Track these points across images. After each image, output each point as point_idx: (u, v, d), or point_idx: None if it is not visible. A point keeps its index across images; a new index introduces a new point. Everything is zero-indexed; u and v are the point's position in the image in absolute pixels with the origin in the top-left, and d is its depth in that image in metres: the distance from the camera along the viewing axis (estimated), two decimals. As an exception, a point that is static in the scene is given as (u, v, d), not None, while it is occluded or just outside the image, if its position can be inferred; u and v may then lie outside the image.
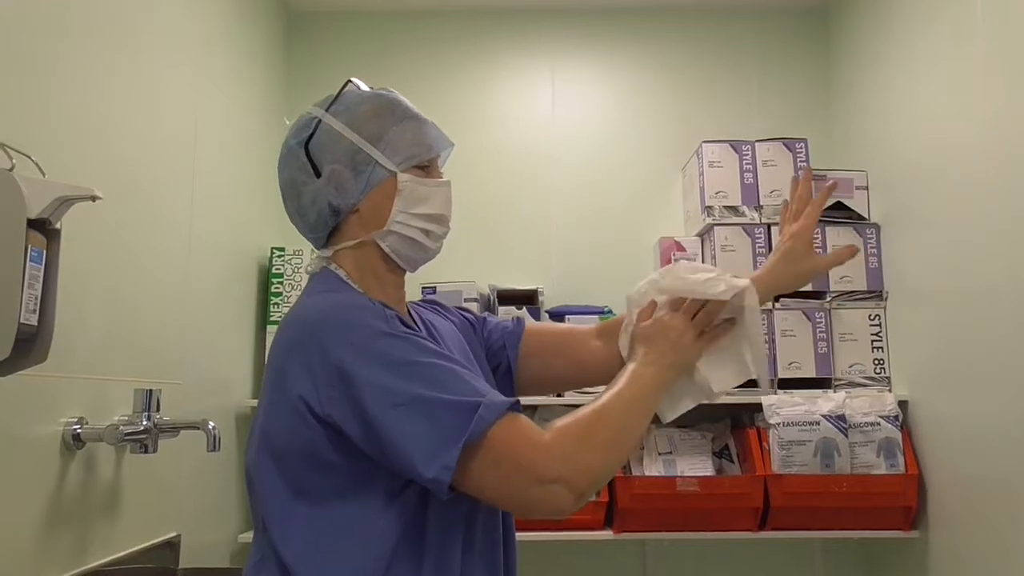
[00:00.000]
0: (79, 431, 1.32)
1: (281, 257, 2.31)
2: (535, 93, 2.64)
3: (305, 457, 0.94)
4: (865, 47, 2.38)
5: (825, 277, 2.23)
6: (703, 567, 2.39)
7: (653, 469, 2.14)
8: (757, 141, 2.35)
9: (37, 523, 1.24)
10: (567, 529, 2.10)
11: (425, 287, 2.29)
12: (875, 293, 2.24)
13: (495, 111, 2.63)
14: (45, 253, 1.06)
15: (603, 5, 2.65)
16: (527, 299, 2.31)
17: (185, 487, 1.77)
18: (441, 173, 1.11)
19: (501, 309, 2.29)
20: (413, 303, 1.18)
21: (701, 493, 2.07)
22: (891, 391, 2.17)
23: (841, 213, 2.27)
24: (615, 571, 2.39)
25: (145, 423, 1.42)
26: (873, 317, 2.23)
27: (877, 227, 2.26)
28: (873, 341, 2.21)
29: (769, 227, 2.29)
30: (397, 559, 0.93)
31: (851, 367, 2.20)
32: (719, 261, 2.24)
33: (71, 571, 1.31)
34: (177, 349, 1.74)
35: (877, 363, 2.20)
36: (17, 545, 1.19)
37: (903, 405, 2.12)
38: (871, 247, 2.25)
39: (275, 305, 2.28)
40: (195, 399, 1.81)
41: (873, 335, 2.22)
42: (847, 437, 2.07)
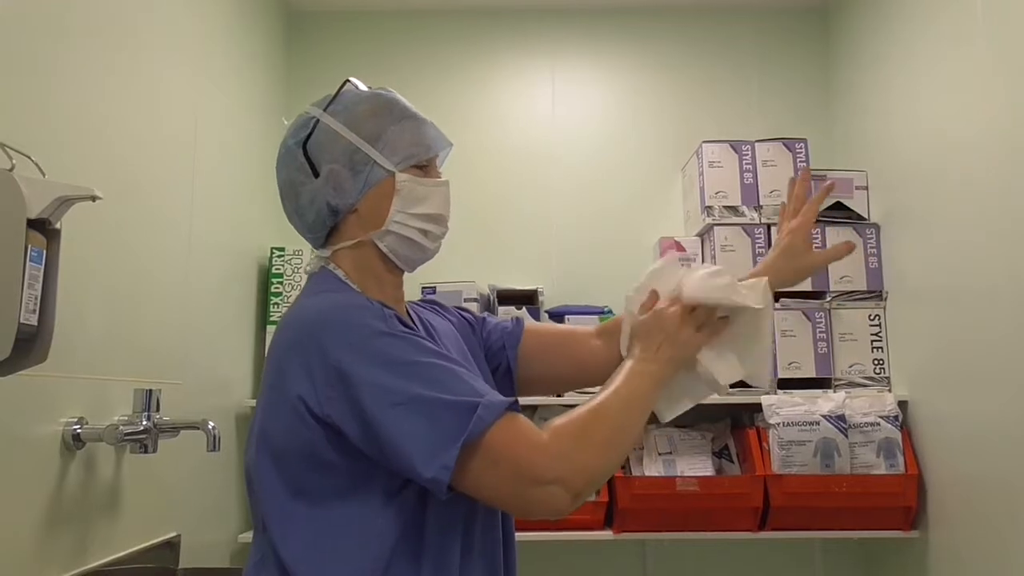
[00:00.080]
0: (79, 431, 1.32)
1: (281, 257, 2.31)
2: (535, 93, 2.64)
3: (304, 457, 0.94)
4: (865, 47, 2.38)
5: (825, 277, 2.23)
6: (703, 567, 2.39)
7: (653, 469, 2.14)
8: (757, 141, 2.35)
9: (37, 523, 1.24)
10: (567, 529, 2.10)
11: (425, 287, 2.29)
12: (875, 293, 2.23)
13: (495, 111, 2.63)
14: (45, 253, 1.06)
15: (603, 5, 2.65)
16: (527, 299, 2.31)
17: (185, 487, 1.77)
18: (440, 173, 1.11)
19: (501, 309, 2.29)
20: (412, 303, 1.18)
21: (701, 493, 2.07)
22: (891, 391, 2.17)
23: (841, 213, 2.27)
24: (615, 571, 2.39)
25: (145, 423, 1.42)
26: (873, 317, 2.23)
27: (877, 227, 2.26)
28: (873, 341, 2.21)
29: (769, 227, 2.28)
30: (396, 559, 0.93)
31: (851, 367, 2.20)
32: (719, 261, 2.24)
33: (71, 571, 1.31)
34: (177, 349, 1.75)
35: (877, 363, 2.20)
36: (17, 545, 1.19)
37: (903, 405, 2.12)
38: (871, 247, 2.25)
39: (275, 305, 2.28)
40: (195, 399, 1.81)
41: (873, 335, 2.22)
42: (847, 437, 2.07)
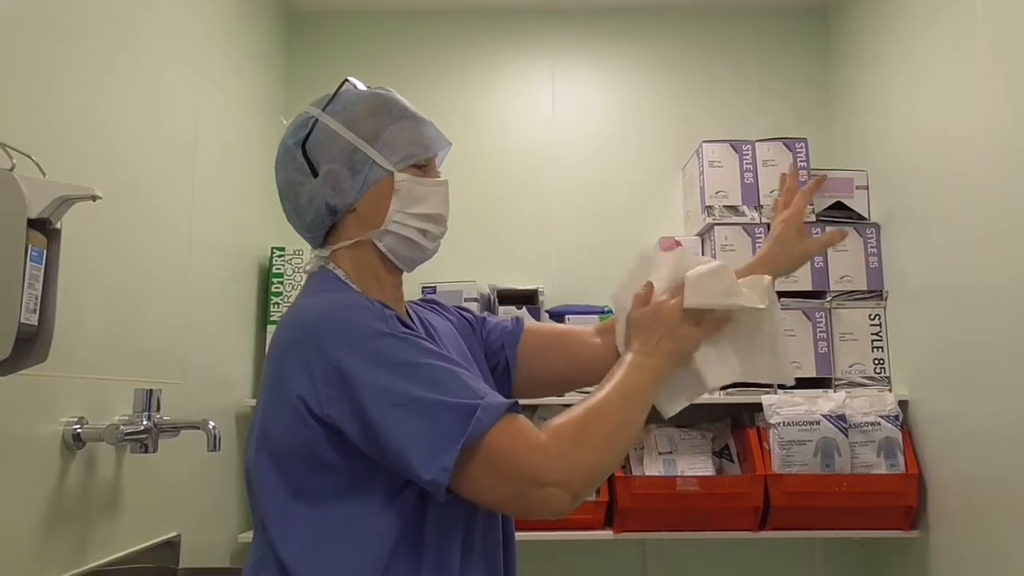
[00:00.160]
0: (79, 431, 1.32)
1: (281, 257, 2.31)
2: (535, 93, 2.64)
3: (304, 457, 0.93)
4: (865, 47, 2.38)
5: (825, 277, 2.23)
6: (703, 567, 2.39)
7: (653, 469, 2.14)
8: (757, 141, 2.35)
9: (37, 523, 1.24)
10: (567, 529, 2.10)
11: (425, 287, 2.29)
12: (875, 293, 2.23)
13: (495, 111, 2.63)
14: (45, 253, 1.06)
15: (603, 5, 2.65)
16: (527, 299, 2.31)
17: (185, 487, 1.77)
18: (439, 172, 1.10)
19: (501, 309, 2.29)
20: (411, 303, 1.18)
21: (701, 493, 2.07)
22: (891, 391, 2.17)
23: (841, 213, 2.27)
24: (615, 571, 2.39)
25: (145, 423, 1.42)
26: (873, 317, 2.22)
27: (877, 227, 2.26)
28: (873, 341, 2.21)
29: (769, 227, 2.28)
30: (396, 559, 0.93)
31: (851, 367, 2.20)
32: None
33: (71, 571, 1.31)
34: (177, 349, 1.75)
35: (877, 363, 2.20)
36: (17, 545, 1.19)
37: (903, 405, 2.12)
38: (871, 247, 2.25)
39: (275, 305, 2.28)
40: (195, 399, 1.81)
41: (873, 335, 2.21)
42: (847, 437, 2.07)
